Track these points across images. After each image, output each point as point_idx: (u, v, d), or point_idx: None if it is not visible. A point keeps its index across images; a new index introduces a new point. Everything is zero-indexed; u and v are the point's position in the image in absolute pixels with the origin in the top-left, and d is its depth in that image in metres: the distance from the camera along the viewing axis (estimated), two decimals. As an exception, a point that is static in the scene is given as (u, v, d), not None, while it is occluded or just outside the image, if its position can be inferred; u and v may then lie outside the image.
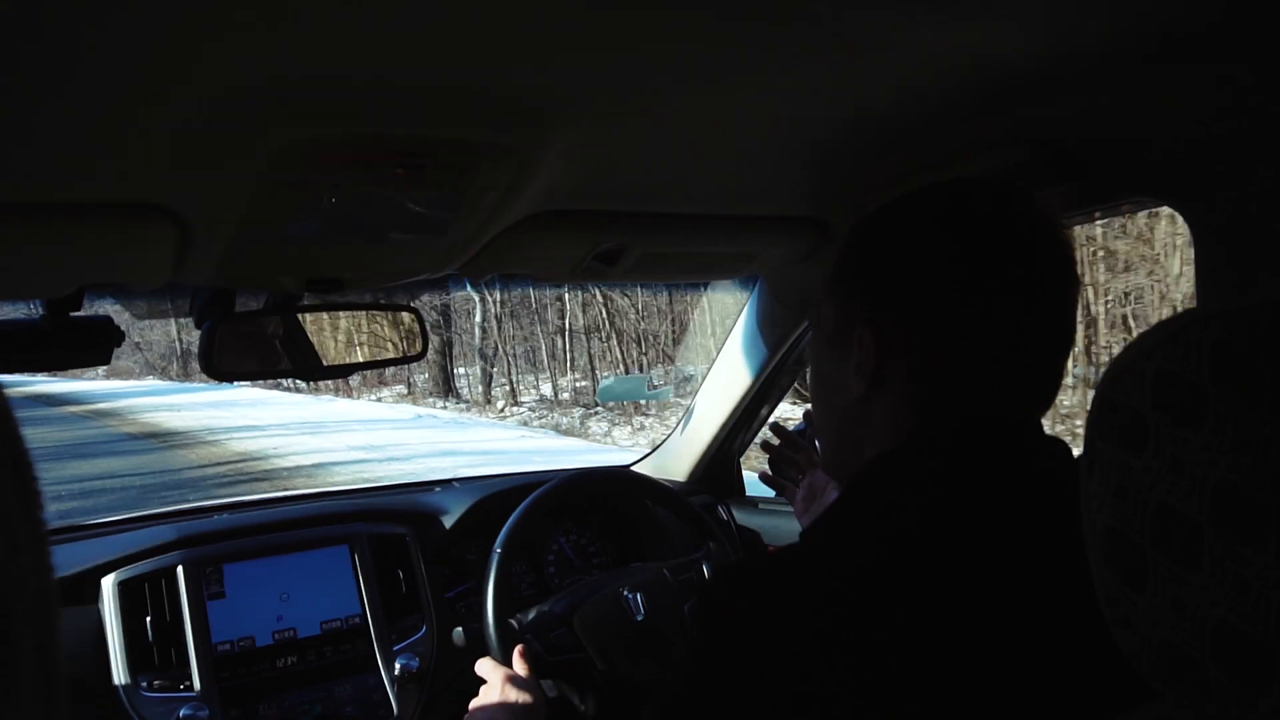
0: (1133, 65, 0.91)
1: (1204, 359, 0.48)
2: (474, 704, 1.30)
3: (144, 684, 1.41)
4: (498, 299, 16.14)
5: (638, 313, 14.49)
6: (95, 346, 1.24)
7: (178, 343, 26.29)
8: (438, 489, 1.95)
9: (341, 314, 1.38)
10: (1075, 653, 0.70)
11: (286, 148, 0.84)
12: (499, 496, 1.81)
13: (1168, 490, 0.49)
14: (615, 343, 14.75)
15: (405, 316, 1.43)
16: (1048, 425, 0.85)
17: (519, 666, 1.35)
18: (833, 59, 0.84)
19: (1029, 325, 0.78)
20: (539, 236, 1.20)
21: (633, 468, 2.18)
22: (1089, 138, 1.04)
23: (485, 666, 1.35)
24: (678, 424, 2.16)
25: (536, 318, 16.80)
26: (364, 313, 1.43)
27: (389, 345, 1.43)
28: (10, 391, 0.33)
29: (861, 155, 1.13)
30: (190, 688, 1.42)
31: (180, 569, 1.49)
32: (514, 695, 1.27)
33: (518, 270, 1.31)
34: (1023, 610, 0.70)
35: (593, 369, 14.91)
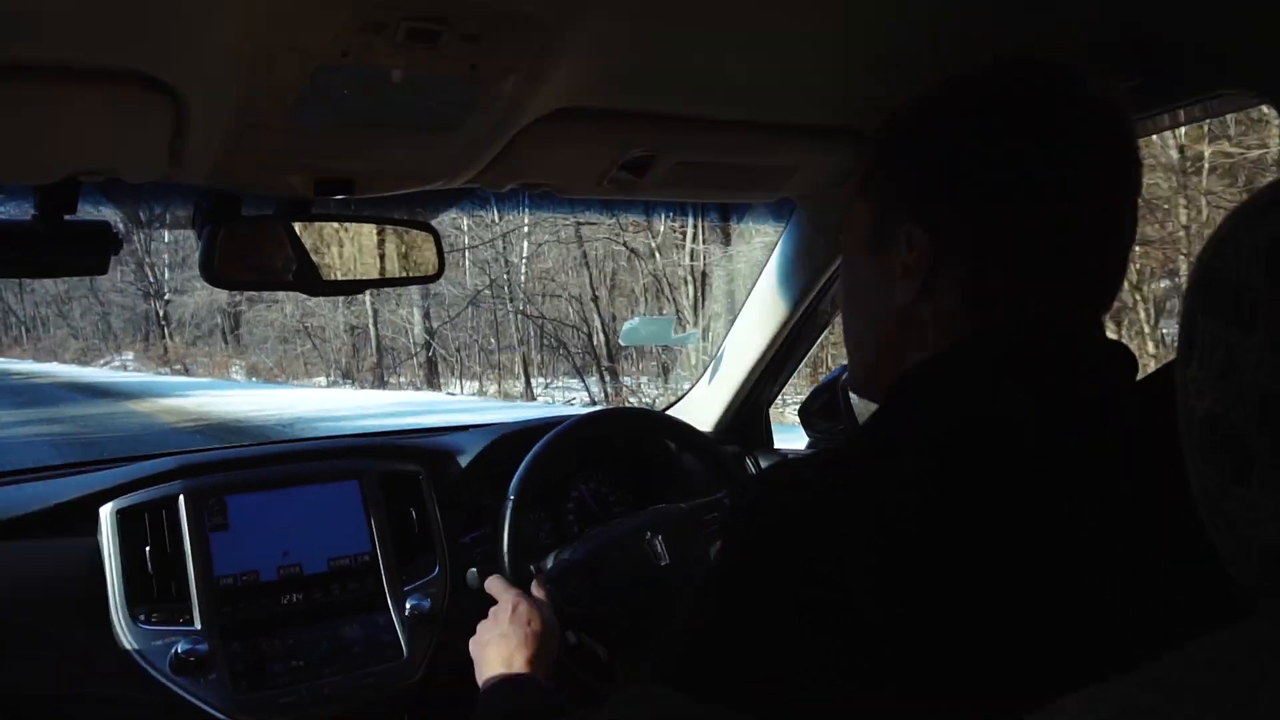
0: None
1: None
2: (483, 625, 1.22)
3: (141, 616, 1.34)
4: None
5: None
6: (92, 252, 1.16)
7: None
8: (454, 434, 1.88)
9: (353, 228, 1.31)
10: (1145, 566, 0.64)
11: (286, 2, 0.75)
12: (517, 436, 1.73)
13: (1277, 372, 0.43)
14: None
15: (421, 235, 1.34)
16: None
17: (535, 589, 1.28)
18: None
19: (1092, 221, 0.73)
20: (561, 139, 1.11)
21: (666, 412, 2.10)
22: (1166, 21, 0.94)
23: (496, 585, 1.27)
24: (704, 370, 2.07)
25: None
26: (379, 230, 1.34)
27: (403, 264, 1.34)
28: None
29: (913, 56, 1.03)
30: (190, 621, 1.35)
31: (182, 498, 1.42)
32: (526, 615, 1.19)
33: (539, 180, 1.23)
34: (1090, 523, 0.65)
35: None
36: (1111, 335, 0.78)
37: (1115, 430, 0.68)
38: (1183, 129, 6.04)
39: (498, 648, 1.17)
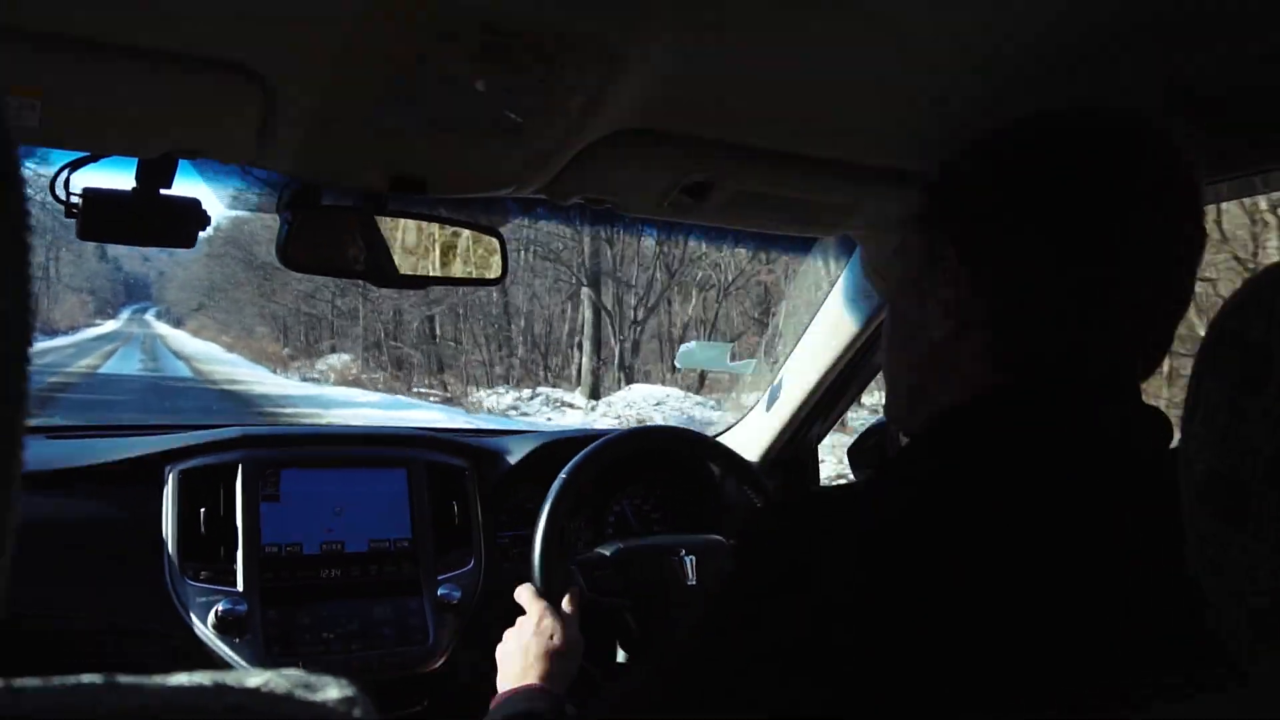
0: None
1: None
2: (509, 633, 1.26)
3: (190, 573, 1.41)
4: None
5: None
6: (182, 225, 1.25)
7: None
8: (505, 436, 1.93)
9: (426, 227, 1.37)
10: (1144, 629, 0.64)
11: (370, 7, 0.81)
12: (565, 443, 1.77)
13: None
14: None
15: (487, 239, 1.40)
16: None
17: (566, 604, 1.31)
18: None
19: (1144, 285, 0.71)
20: (624, 158, 1.16)
21: (717, 439, 2.12)
22: (1238, 86, 0.93)
23: (525, 596, 1.31)
24: (759, 400, 2.09)
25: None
26: (449, 230, 1.41)
27: (469, 265, 1.40)
28: None
29: (975, 102, 1.05)
30: (233, 583, 1.42)
31: (240, 467, 1.50)
32: (550, 630, 1.23)
33: (602, 195, 1.27)
34: (1082, 583, 0.65)
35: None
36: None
37: (1137, 495, 0.67)
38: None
39: (519, 658, 1.21)
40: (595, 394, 16.38)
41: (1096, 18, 0.84)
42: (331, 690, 0.38)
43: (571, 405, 16.04)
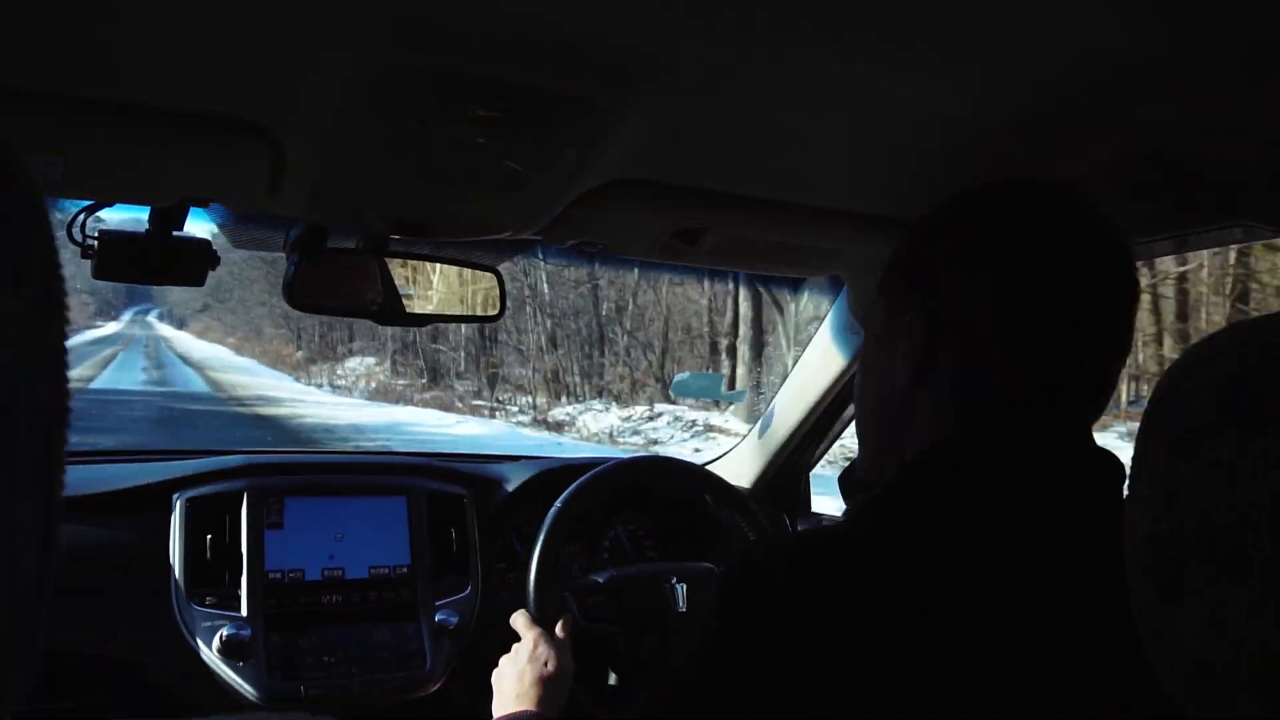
0: (1246, 79, 0.86)
1: (1277, 363, 0.46)
2: (504, 659, 1.31)
3: (196, 598, 1.46)
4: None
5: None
6: (193, 265, 1.30)
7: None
8: (504, 462, 1.97)
9: (426, 267, 1.42)
10: (1105, 672, 0.67)
11: (372, 75, 0.87)
12: (562, 471, 1.82)
13: (1219, 499, 0.46)
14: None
15: (487, 276, 1.45)
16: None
17: (559, 631, 1.36)
18: (949, 62, 0.83)
19: (1083, 333, 0.77)
20: (617, 206, 1.21)
21: (706, 467, 2.16)
22: (1186, 152, 0.99)
23: (520, 622, 1.36)
24: (753, 427, 2.13)
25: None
26: (450, 270, 1.46)
27: (469, 304, 1.46)
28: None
29: (955, 157, 1.10)
30: (238, 608, 1.47)
31: (245, 495, 1.54)
32: (544, 656, 1.28)
33: (597, 240, 1.32)
34: (1053, 626, 0.68)
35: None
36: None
37: (1089, 538, 0.71)
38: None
39: (513, 683, 1.26)
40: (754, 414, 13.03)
41: (1055, 85, 0.90)
42: None
43: (723, 430, 12.03)
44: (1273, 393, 0.45)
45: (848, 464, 1.48)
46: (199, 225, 1.31)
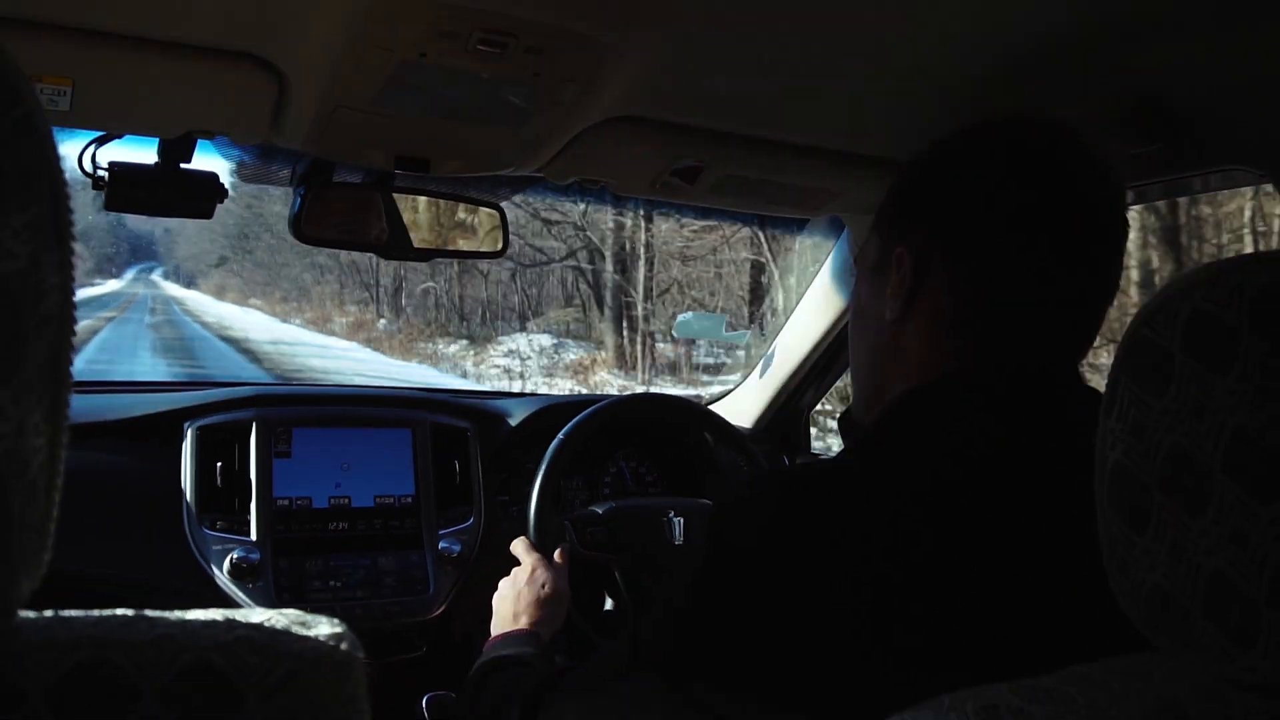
0: (1236, 21, 0.87)
1: (1245, 303, 0.47)
2: (504, 581, 1.35)
3: (207, 523, 1.51)
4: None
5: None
6: (202, 198, 1.32)
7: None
8: (508, 399, 2.01)
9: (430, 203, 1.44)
10: (1081, 598, 0.69)
11: (373, 8, 0.88)
12: (565, 407, 1.85)
13: (1185, 434, 0.48)
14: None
15: (489, 212, 1.48)
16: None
17: (557, 557, 1.40)
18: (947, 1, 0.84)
19: (1072, 271, 0.78)
20: (617, 143, 1.22)
21: (709, 406, 2.19)
22: (1190, 96, 1.00)
23: (520, 548, 1.40)
24: (755, 368, 2.16)
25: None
26: (453, 205, 1.48)
27: (472, 239, 1.48)
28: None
29: (954, 99, 1.11)
30: (247, 533, 1.51)
31: (254, 425, 1.58)
32: (541, 579, 1.32)
33: (598, 177, 1.34)
34: (1037, 559, 0.71)
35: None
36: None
37: (1074, 475, 0.71)
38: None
39: (510, 603, 1.30)
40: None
41: (1053, 27, 0.91)
42: (323, 627, 0.47)
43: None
44: (1239, 332, 0.46)
45: (846, 408, 1.51)
46: (207, 160, 1.34)
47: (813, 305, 1.87)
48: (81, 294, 0.44)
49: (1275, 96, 0.97)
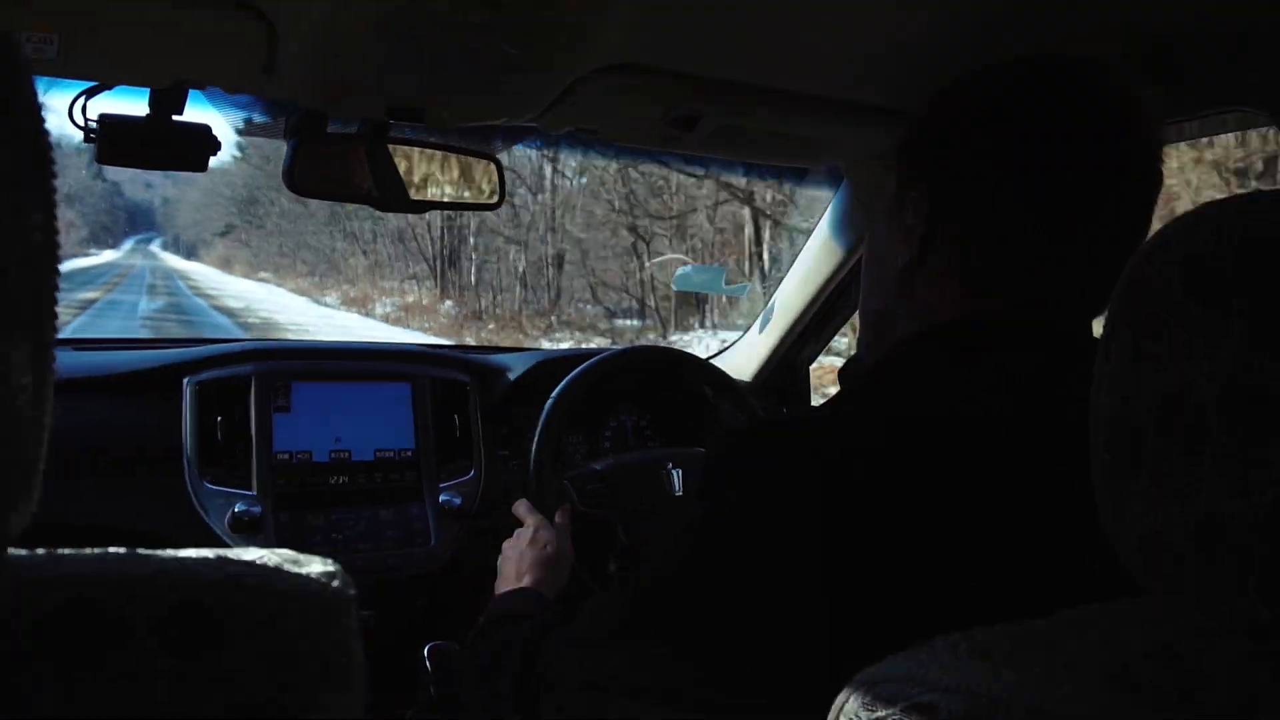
0: None
1: (1234, 244, 0.46)
2: (506, 543, 1.36)
3: (208, 477, 1.51)
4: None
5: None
6: (195, 150, 1.31)
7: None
8: (507, 353, 2.01)
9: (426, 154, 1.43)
10: (1076, 544, 0.68)
11: None
12: (563, 361, 1.85)
13: (1179, 377, 0.48)
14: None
15: (485, 165, 1.46)
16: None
17: (558, 518, 1.41)
18: None
19: (1094, 221, 0.74)
20: (613, 91, 1.21)
21: (710, 360, 2.19)
22: (1194, 34, 0.98)
23: (522, 509, 1.41)
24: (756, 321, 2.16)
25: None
26: (448, 157, 1.46)
27: (468, 191, 1.46)
28: None
29: (956, 43, 1.09)
30: (248, 487, 1.52)
31: (254, 379, 1.58)
32: (544, 540, 1.33)
33: (594, 126, 1.32)
34: (1031, 504, 0.70)
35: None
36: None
37: (1072, 423, 0.71)
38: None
39: (514, 565, 1.31)
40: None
41: None
42: (315, 565, 0.47)
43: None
44: (1236, 274, 0.46)
45: (846, 360, 1.51)
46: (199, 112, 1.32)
47: (811, 259, 1.86)
48: (73, 264, 0.43)
49: (1277, 34, 0.95)
